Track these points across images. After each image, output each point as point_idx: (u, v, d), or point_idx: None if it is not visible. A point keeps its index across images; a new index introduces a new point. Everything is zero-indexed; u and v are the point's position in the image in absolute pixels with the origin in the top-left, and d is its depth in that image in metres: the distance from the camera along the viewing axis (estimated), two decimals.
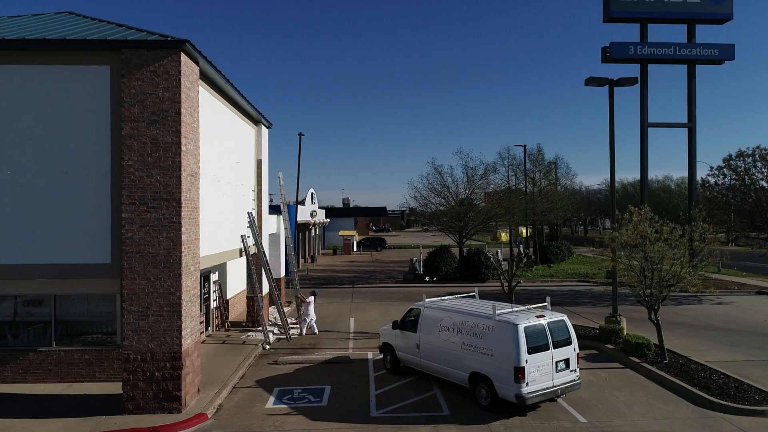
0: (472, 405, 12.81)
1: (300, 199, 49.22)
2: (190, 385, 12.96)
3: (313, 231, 62.92)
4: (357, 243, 70.82)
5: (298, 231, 48.68)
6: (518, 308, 13.62)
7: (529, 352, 11.94)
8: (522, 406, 12.32)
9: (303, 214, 47.67)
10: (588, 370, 15.45)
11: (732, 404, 12.44)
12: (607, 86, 19.76)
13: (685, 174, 35.59)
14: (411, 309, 15.41)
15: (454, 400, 13.25)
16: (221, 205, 17.11)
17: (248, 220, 20.41)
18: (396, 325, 15.54)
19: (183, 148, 12.56)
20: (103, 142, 12.63)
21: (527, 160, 44.48)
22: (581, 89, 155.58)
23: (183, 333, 12.54)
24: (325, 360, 17.24)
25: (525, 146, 42.56)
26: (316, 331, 21.12)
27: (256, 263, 21.30)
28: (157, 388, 12.41)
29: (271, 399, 13.60)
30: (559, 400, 13.10)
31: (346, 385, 14.60)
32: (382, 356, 16.25)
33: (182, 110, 12.49)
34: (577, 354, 12.94)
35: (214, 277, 21.08)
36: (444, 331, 13.81)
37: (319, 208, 62.64)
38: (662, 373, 14.72)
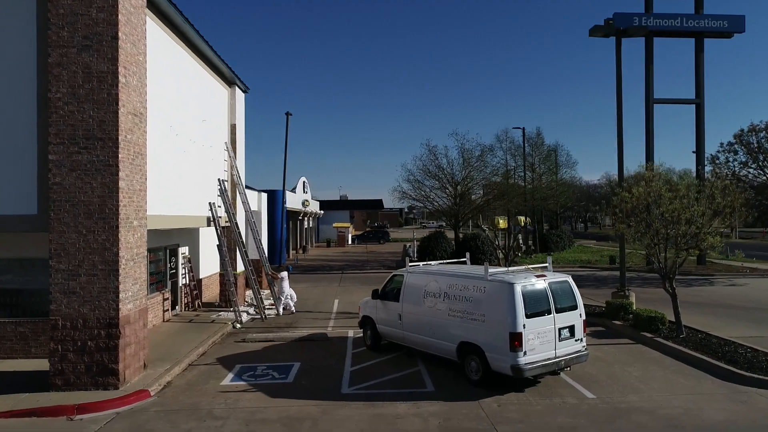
0: (461, 381, 10.97)
1: (290, 187, 47.33)
2: (131, 358, 11.11)
3: (306, 222, 61.04)
4: (358, 235, 68.92)
5: (289, 219, 46.80)
6: (515, 269, 11.80)
7: (528, 317, 10.09)
8: (519, 380, 10.50)
9: (293, 202, 45.78)
10: (594, 346, 13.60)
11: (766, 377, 10.60)
12: (615, 64, 17.96)
13: (689, 166, 33.81)
14: (393, 276, 13.55)
15: (440, 377, 11.41)
16: (183, 163, 15.27)
17: (219, 188, 18.56)
18: (376, 294, 13.69)
19: (122, 79, 10.71)
20: (28, 72, 10.79)
21: (526, 145, 42.66)
22: (581, 88, 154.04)
23: (121, 296, 10.68)
24: (299, 338, 15.39)
25: (524, 128, 40.71)
26: (294, 310, 19.28)
27: (228, 237, 19.45)
28: (90, 360, 10.55)
29: (230, 376, 11.76)
30: (562, 374, 11.27)
31: (318, 362, 12.75)
32: (362, 332, 14.41)
33: (120, 35, 10.64)
34: (584, 321, 11.08)
35: (183, 251, 19.23)
36: (429, 297, 11.96)
37: (313, 200, 60.76)
38: (680, 347, 12.88)
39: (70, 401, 9.90)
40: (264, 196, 27.55)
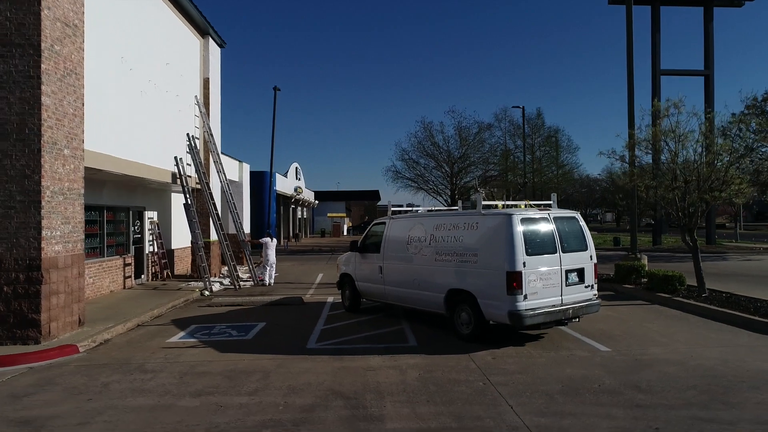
0: (451, 338, 9.26)
1: (283, 172, 45.57)
2: (60, 310, 9.39)
3: (300, 212, 59.34)
4: (355, 227, 67.13)
5: (280, 205, 45.13)
6: (512, 203, 10.11)
7: (529, 254, 8.37)
8: (518, 330, 8.81)
9: (284, 186, 44.10)
10: (605, 306, 11.90)
11: None
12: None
13: None
14: (375, 224, 11.83)
15: (426, 334, 9.70)
16: (141, 105, 13.58)
17: (188, 143, 16.85)
18: (355, 246, 11.98)
19: None
20: None
21: (525, 126, 40.91)
22: (582, 88, 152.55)
23: (45, 234, 8.97)
24: (271, 302, 13.68)
25: (523, 107, 38.89)
26: (271, 282, 17.50)
27: (199, 200, 17.75)
28: (6, 309, 8.84)
29: (180, 334, 10.05)
30: (569, 329, 9.58)
31: (287, 322, 11.05)
32: (341, 294, 12.72)
33: None
34: (595, 265, 9.36)
35: (150, 215, 17.52)
36: (414, 243, 10.24)
37: (307, 189, 59.03)
38: (705, 305, 11.17)
39: None
40: (246, 167, 25.80)
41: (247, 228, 25.12)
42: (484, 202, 9.16)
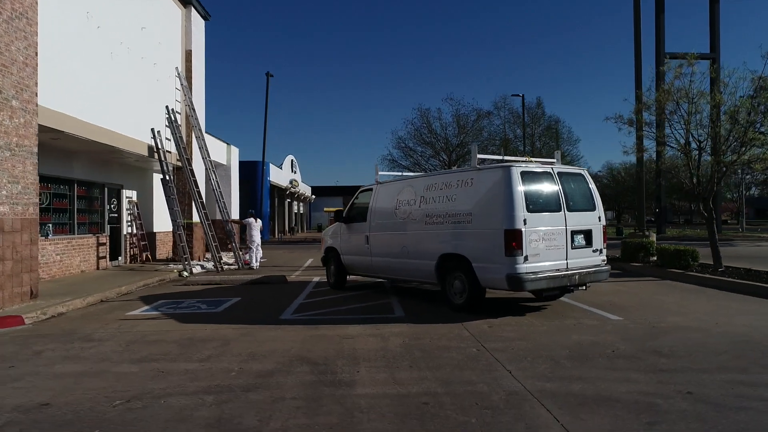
0: (441, 309, 8.28)
1: (278, 163, 44.55)
2: (7, 279, 8.42)
3: (296, 206, 58.32)
4: None
5: (274, 197, 44.13)
6: (511, 158, 9.13)
7: (530, 210, 7.38)
8: (517, 303, 7.81)
9: (279, 178, 43.06)
10: (612, 282, 10.97)
11: None
12: None
13: None
14: (361, 191, 10.84)
15: (415, 306, 8.73)
16: (111, 69, 12.59)
17: (167, 116, 15.86)
18: (340, 216, 10.99)
19: None
20: None
21: (525, 116, 39.92)
22: (582, 86, 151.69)
23: None
24: (251, 280, 12.70)
25: (523, 96, 37.92)
26: (256, 266, 16.49)
27: (180, 178, 16.77)
28: None
29: (144, 308, 9.07)
30: (574, 300, 8.61)
31: (264, 298, 10.07)
32: (326, 271, 11.76)
33: None
34: (604, 228, 8.38)
35: (129, 194, 16.54)
36: (402, 207, 9.26)
37: (303, 183, 58.00)
38: (723, 278, 10.19)
39: None
40: (235, 151, 24.78)
41: (236, 216, 24.15)
42: (480, 156, 8.15)
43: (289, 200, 51.50)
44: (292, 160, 50.10)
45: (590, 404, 4.03)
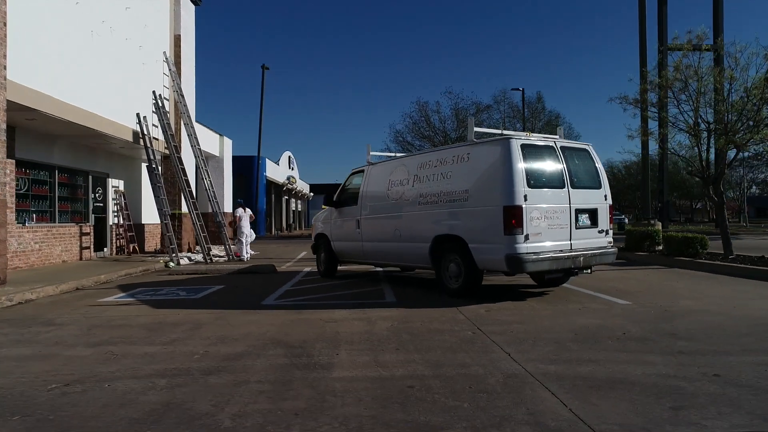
0: (435, 295, 7.72)
1: (275, 159, 43.99)
2: None
3: (293, 204, 57.75)
4: None
5: (271, 193, 43.56)
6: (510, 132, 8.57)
7: (531, 186, 6.81)
8: (517, 288, 7.24)
9: (276, 174, 42.48)
10: (617, 270, 10.41)
11: None
12: None
13: None
14: (352, 173, 10.27)
15: (407, 293, 8.17)
16: (90, 46, 12.03)
17: (154, 102, 15.29)
18: (330, 200, 10.42)
19: None
20: None
21: (525, 110, 39.32)
22: (582, 85, 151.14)
23: None
24: (239, 269, 12.13)
25: (523, 90, 37.33)
26: (246, 258, 15.91)
27: (168, 167, 16.21)
28: None
29: (119, 295, 8.51)
30: (578, 287, 8.05)
31: (249, 286, 9.50)
32: (315, 259, 11.21)
33: None
34: (610, 207, 7.82)
35: (115, 184, 15.97)
36: (395, 188, 8.70)
37: (302, 180, 57.42)
38: (734, 264, 9.63)
39: None
40: (228, 142, 24.17)
41: (228, 210, 23.55)
42: (477, 129, 7.58)
43: (286, 197, 50.97)
44: (289, 157, 49.52)
45: (602, 387, 3.47)
